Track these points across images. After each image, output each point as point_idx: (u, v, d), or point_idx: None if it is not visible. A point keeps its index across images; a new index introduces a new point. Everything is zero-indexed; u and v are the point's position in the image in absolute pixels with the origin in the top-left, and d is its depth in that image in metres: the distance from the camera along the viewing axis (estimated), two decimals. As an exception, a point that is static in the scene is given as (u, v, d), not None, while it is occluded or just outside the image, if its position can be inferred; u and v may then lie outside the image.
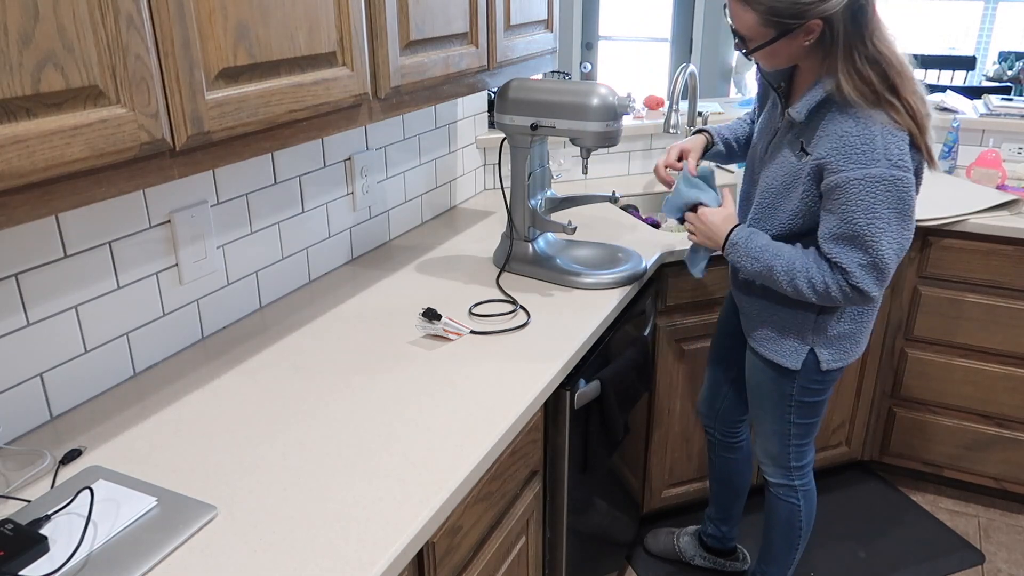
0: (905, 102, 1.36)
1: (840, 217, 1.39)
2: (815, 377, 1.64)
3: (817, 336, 1.59)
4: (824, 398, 1.71)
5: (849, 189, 1.36)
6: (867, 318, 1.61)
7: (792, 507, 1.84)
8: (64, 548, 0.93)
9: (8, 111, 0.76)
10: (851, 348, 1.62)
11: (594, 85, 1.68)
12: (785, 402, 1.69)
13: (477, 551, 1.24)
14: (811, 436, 1.77)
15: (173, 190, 1.38)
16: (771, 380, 1.69)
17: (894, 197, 1.35)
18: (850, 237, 1.39)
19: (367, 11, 1.26)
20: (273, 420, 1.23)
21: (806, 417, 1.71)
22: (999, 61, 5.11)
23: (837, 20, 1.33)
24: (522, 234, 1.81)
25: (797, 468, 1.80)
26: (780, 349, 1.63)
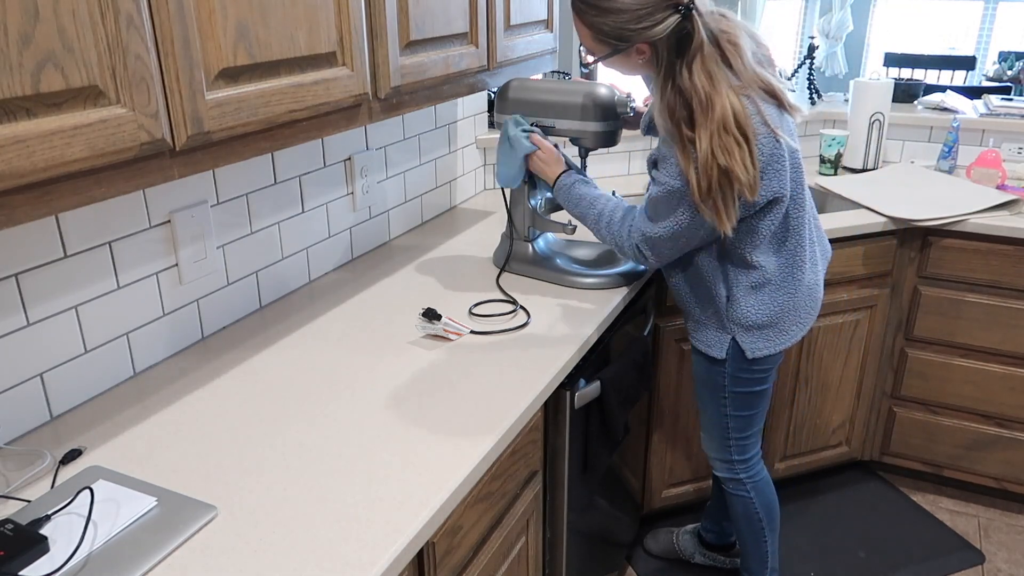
0: (696, 137, 1.35)
1: (649, 194, 1.51)
2: (743, 366, 1.64)
3: (733, 324, 1.60)
4: (761, 389, 1.70)
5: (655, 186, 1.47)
6: (786, 307, 1.59)
7: (745, 500, 1.84)
8: (64, 548, 0.93)
9: (8, 111, 0.76)
10: (775, 336, 1.61)
11: (594, 85, 1.68)
12: (719, 393, 1.70)
13: (477, 551, 1.24)
14: (752, 429, 1.77)
15: (173, 190, 1.38)
16: (704, 369, 1.71)
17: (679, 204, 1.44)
18: (652, 208, 1.49)
19: (367, 11, 1.26)
20: (273, 420, 1.23)
21: (743, 409, 1.72)
22: (999, 61, 5.11)
23: (661, 46, 1.36)
24: (522, 234, 1.81)
25: (740, 462, 1.80)
26: (705, 338, 1.66)
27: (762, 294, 1.57)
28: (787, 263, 1.57)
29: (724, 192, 1.37)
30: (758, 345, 1.61)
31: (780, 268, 1.57)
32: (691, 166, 1.37)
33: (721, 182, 1.36)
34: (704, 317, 1.65)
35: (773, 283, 1.57)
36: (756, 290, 1.57)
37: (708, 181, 1.36)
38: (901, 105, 2.78)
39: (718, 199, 1.38)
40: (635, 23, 1.35)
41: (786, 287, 1.58)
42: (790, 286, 1.58)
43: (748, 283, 1.56)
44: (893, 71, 5.15)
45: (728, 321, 1.61)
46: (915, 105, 2.80)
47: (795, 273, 1.58)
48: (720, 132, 1.34)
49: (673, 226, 1.47)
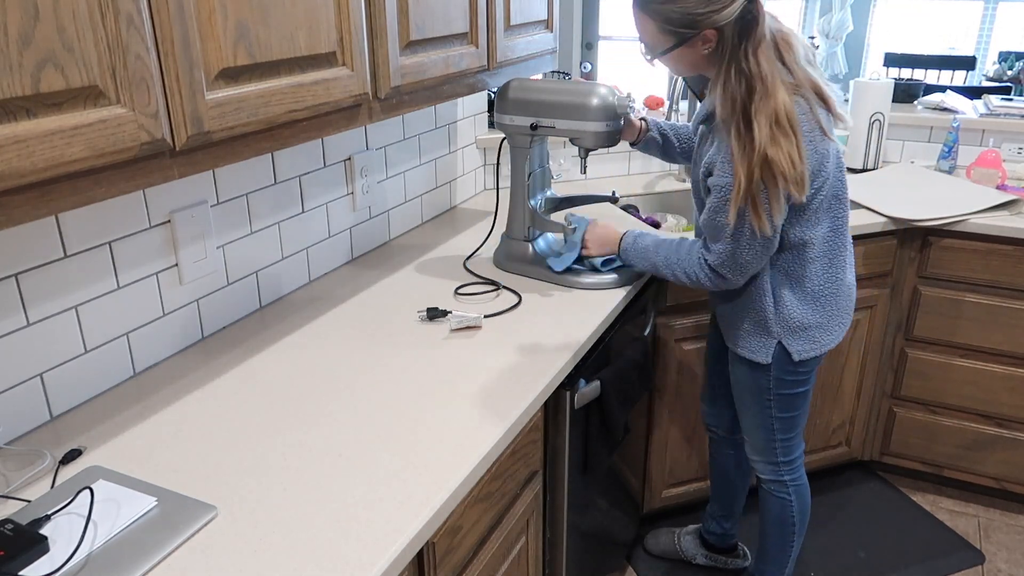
0: (756, 124, 1.36)
1: (707, 206, 1.48)
2: (788, 368, 1.65)
3: (781, 328, 1.61)
4: (804, 390, 1.71)
5: (713, 189, 1.45)
6: (831, 307, 1.61)
7: (784, 503, 1.84)
8: (64, 548, 0.93)
9: (8, 111, 0.76)
10: (821, 337, 1.63)
11: (594, 85, 1.68)
12: (764, 396, 1.70)
13: (477, 551, 1.24)
14: (796, 430, 1.77)
15: (173, 190, 1.38)
16: (747, 376, 1.70)
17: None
18: (714, 230, 1.48)
19: (367, 11, 1.26)
20: (273, 420, 1.23)
21: (787, 411, 1.72)
22: (999, 61, 5.11)
23: (727, 32, 1.36)
24: (522, 234, 1.81)
25: (786, 463, 1.80)
26: (749, 345, 1.65)
27: (809, 295, 1.59)
28: (831, 264, 1.59)
29: (768, 187, 1.37)
30: (804, 347, 1.62)
31: (825, 269, 1.58)
32: (743, 156, 1.36)
33: (765, 175, 1.36)
34: (749, 324, 1.64)
35: (820, 284, 1.58)
36: (804, 292, 1.58)
37: (753, 173, 1.36)
38: (901, 105, 2.78)
39: (759, 195, 1.38)
40: (704, 7, 1.35)
41: (831, 287, 1.60)
42: (834, 286, 1.60)
43: (796, 285, 1.58)
44: (893, 71, 5.15)
45: (775, 324, 1.60)
46: (915, 105, 2.80)
47: (838, 273, 1.60)
48: (773, 122, 1.35)
49: (737, 233, 1.45)
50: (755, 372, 1.68)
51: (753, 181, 1.36)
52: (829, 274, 1.59)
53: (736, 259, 1.49)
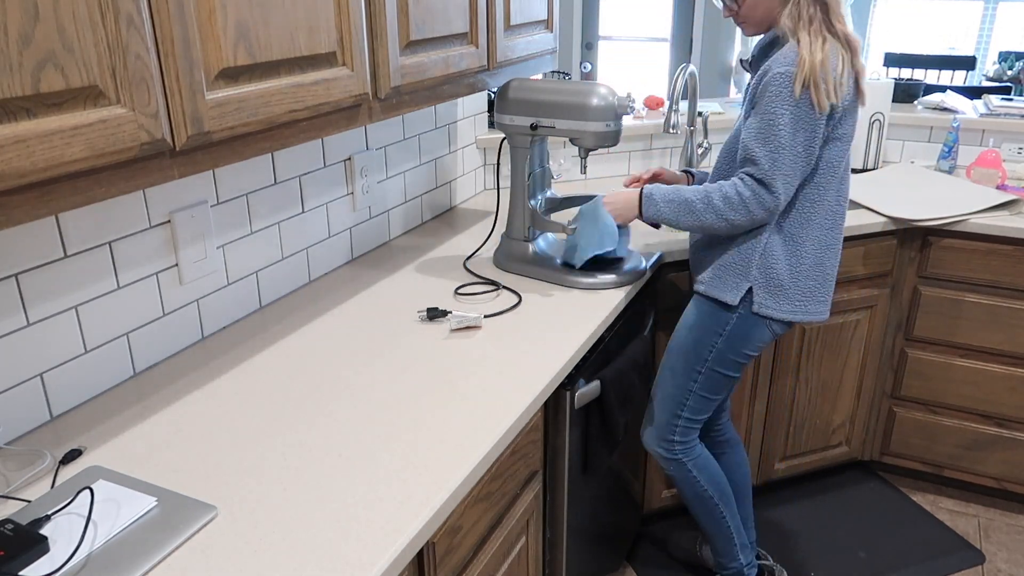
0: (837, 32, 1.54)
1: (759, 110, 1.54)
2: (742, 336, 1.67)
3: (759, 273, 1.63)
4: (734, 375, 1.73)
5: (771, 84, 1.52)
6: (815, 273, 1.64)
7: (691, 480, 1.84)
8: (64, 548, 0.93)
9: (8, 111, 0.76)
10: (784, 301, 1.64)
11: (594, 85, 1.68)
12: (696, 367, 1.72)
13: (477, 551, 1.24)
14: (704, 415, 1.78)
15: (173, 190, 1.38)
16: (697, 330, 1.71)
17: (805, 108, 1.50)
18: (763, 128, 1.53)
19: (367, 11, 1.26)
20: (273, 420, 1.23)
21: (709, 391, 1.74)
22: (999, 61, 5.11)
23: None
24: (522, 234, 1.81)
25: (681, 443, 1.80)
26: (723, 286, 1.66)
27: (796, 260, 1.62)
28: (826, 244, 1.64)
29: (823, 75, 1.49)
30: (768, 303, 1.64)
31: (819, 245, 1.63)
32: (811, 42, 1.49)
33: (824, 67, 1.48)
34: (728, 264, 1.65)
35: (810, 254, 1.63)
36: (793, 255, 1.62)
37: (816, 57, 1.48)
38: (901, 105, 2.78)
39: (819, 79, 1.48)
40: None
41: (816, 264, 1.64)
42: (819, 266, 1.64)
43: (789, 243, 1.62)
44: (893, 71, 5.15)
45: (755, 270, 1.62)
46: (915, 105, 2.80)
47: (827, 255, 1.65)
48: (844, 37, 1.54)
49: (785, 129, 1.50)
50: (709, 327, 1.69)
51: (819, 62, 1.47)
52: (820, 250, 1.64)
53: (777, 166, 1.52)
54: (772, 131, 1.52)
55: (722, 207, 1.57)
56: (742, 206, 1.55)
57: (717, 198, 1.57)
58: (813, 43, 1.50)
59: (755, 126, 1.54)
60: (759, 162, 1.53)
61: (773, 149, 1.52)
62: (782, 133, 1.51)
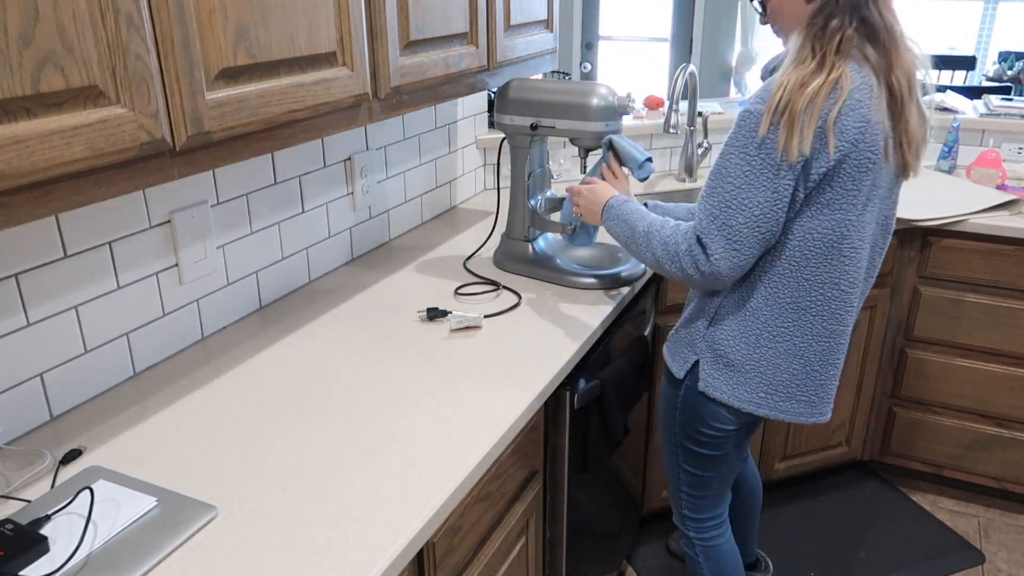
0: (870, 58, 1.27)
1: (719, 155, 1.31)
2: (697, 414, 1.48)
3: (706, 346, 1.44)
4: (715, 455, 1.52)
5: (735, 123, 1.28)
6: (759, 355, 1.39)
7: (693, 563, 1.68)
8: (64, 548, 0.93)
9: (8, 111, 0.76)
10: (736, 385, 1.41)
11: (594, 85, 1.68)
12: (673, 441, 1.57)
13: (477, 551, 1.24)
14: (706, 492, 1.59)
15: (173, 190, 1.38)
16: (663, 399, 1.58)
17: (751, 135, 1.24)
18: (713, 177, 1.30)
19: (367, 11, 1.26)
20: (273, 420, 1.23)
21: (695, 467, 1.56)
22: (999, 61, 5.12)
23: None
24: (522, 234, 1.81)
25: (692, 520, 1.63)
26: (673, 351, 1.52)
27: (747, 325, 1.39)
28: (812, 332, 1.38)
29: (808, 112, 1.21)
30: (714, 382, 1.43)
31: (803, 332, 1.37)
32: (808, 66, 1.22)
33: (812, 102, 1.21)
34: (684, 324, 1.50)
35: (765, 321, 1.37)
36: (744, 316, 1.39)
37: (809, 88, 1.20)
38: (901, 105, 2.77)
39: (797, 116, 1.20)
40: None
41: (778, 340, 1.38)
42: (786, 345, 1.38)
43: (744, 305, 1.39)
44: (893, 71, 5.14)
45: (702, 340, 1.44)
46: (915, 105, 2.79)
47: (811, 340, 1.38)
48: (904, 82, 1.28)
49: (734, 181, 1.25)
50: (666, 395, 1.56)
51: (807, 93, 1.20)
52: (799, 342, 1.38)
53: (726, 226, 1.27)
54: (720, 182, 1.28)
55: (659, 251, 1.37)
56: (675, 259, 1.34)
57: (657, 240, 1.37)
58: (816, 65, 1.22)
59: (711, 170, 1.32)
60: (700, 217, 1.31)
61: (716, 204, 1.28)
62: (729, 187, 1.26)
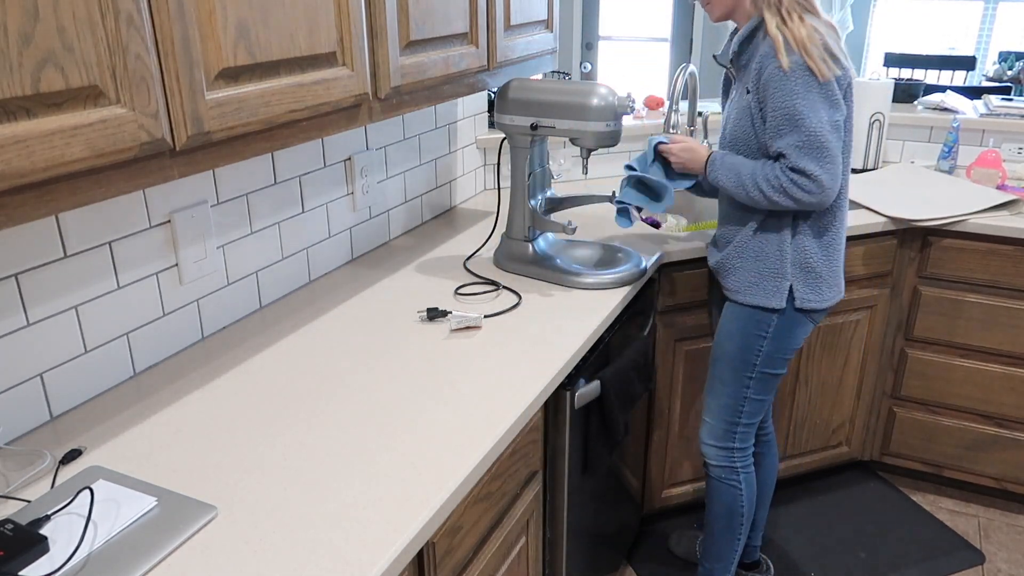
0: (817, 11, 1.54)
1: (771, 107, 1.53)
2: (787, 333, 1.69)
3: (795, 269, 1.65)
4: (782, 373, 1.75)
5: (773, 79, 1.51)
6: (836, 262, 1.68)
7: (734, 492, 1.83)
8: (64, 548, 0.93)
9: (8, 111, 0.76)
10: (826, 289, 1.67)
11: (594, 85, 1.68)
12: (747, 373, 1.73)
13: (477, 551, 1.24)
14: (759, 415, 1.80)
15: (173, 190, 1.38)
16: (740, 337, 1.72)
17: (812, 80, 1.49)
18: (782, 121, 1.52)
19: (367, 11, 1.26)
20: (273, 420, 1.23)
21: (762, 392, 1.75)
22: (999, 61, 5.11)
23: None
24: (522, 234, 1.81)
25: (740, 450, 1.81)
26: (763, 291, 1.67)
27: (823, 244, 1.64)
28: (837, 222, 1.66)
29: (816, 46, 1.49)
30: (810, 296, 1.65)
31: (835, 225, 1.65)
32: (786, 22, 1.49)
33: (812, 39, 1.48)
34: (765, 270, 1.66)
35: (832, 236, 1.65)
36: (820, 240, 1.64)
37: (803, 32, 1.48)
38: (901, 105, 2.78)
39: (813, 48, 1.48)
40: None
41: (837, 243, 1.67)
42: (837, 243, 1.67)
43: (814, 229, 1.63)
44: (893, 71, 5.15)
45: (791, 265, 1.64)
46: (915, 105, 2.80)
47: (841, 231, 1.67)
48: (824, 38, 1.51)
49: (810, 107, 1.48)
50: (754, 332, 1.70)
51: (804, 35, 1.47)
52: (835, 229, 1.65)
53: (816, 143, 1.49)
54: (789, 122, 1.50)
55: (768, 191, 1.56)
56: (783, 193, 1.54)
57: (762, 179, 1.56)
58: (788, 20, 1.49)
59: (771, 123, 1.53)
60: (788, 154, 1.52)
61: (806, 138, 1.50)
62: (799, 121, 1.49)
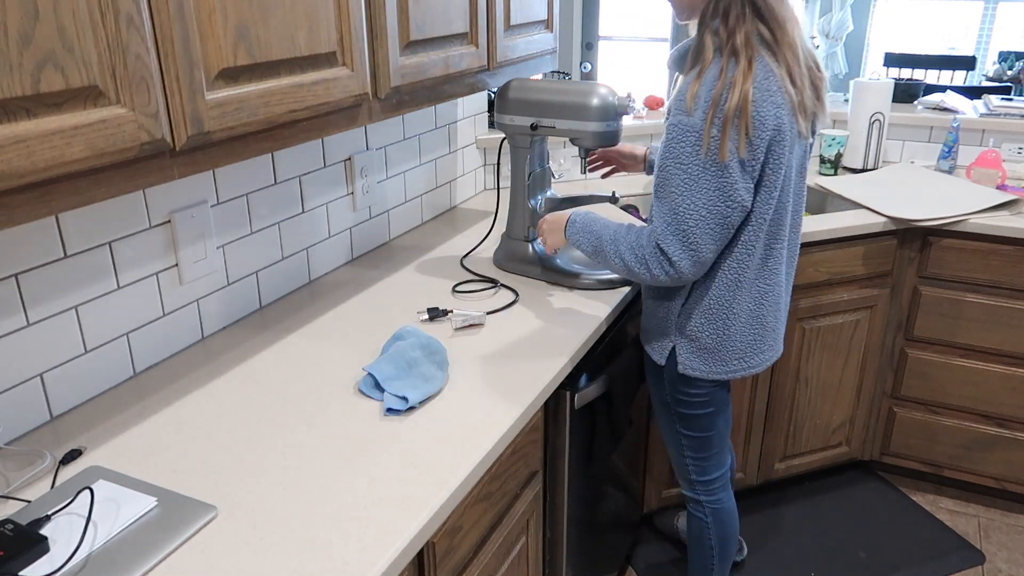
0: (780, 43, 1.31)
1: (657, 165, 1.37)
2: (680, 385, 1.58)
3: (679, 334, 1.53)
4: (708, 412, 1.60)
5: (670, 130, 1.34)
6: (733, 334, 1.50)
7: (701, 523, 1.77)
8: (64, 548, 0.93)
9: (8, 111, 0.76)
10: (713, 363, 1.52)
11: (594, 85, 1.68)
12: (668, 409, 1.64)
13: (477, 551, 1.24)
14: (709, 451, 1.67)
15: (173, 190, 1.38)
16: (653, 383, 1.65)
17: (708, 156, 1.30)
18: (660, 183, 1.36)
19: (367, 11, 1.26)
20: (273, 420, 1.23)
21: (694, 430, 1.64)
22: (999, 61, 5.12)
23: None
24: (522, 234, 1.81)
25: (701, 483, 1.72)
26: (650, 342, 1.60)
27: (715, 313, 1.48)
28: (759, 298, 1.49)
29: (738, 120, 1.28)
30: (694, 364, 1.53)
31: (752, 302, 1.49)
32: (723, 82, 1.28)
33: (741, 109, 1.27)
34: (656, 320, 1.57)
35: (729, 305, 1.47)
36: (711, 307, 1.48)
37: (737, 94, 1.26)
38: (901, 105, 2.78)
39: (729, 123, 1.27)
40: None
41: (740, 315, 1.49)
42: (746, 315, 1.49)
43: (707, 296, 1.48)
44: (893, 71, 5.15)
45: (675, 329, 1.53)
46: (915, 105, 2.80)
47: (762, 308, 1.50)
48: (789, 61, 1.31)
49: (678, 190, 1.32)
50: (657, 381, 1.63)
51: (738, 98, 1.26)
52: (754, 306, 1.49)
53: (682, 225, 1.33)
54: (666, 189, 1.35)
55: (627, 257, 1.42)
56: (643, 264, 1.40)
57: (624, 246, 1.42)
58: (727, 66, 1.28)
59: (654, 182, 1.38)
60: (656, 225, 1.37)
61: (668, 212, 1.34)
62: (675, 195, 1.33)
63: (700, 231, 1.34)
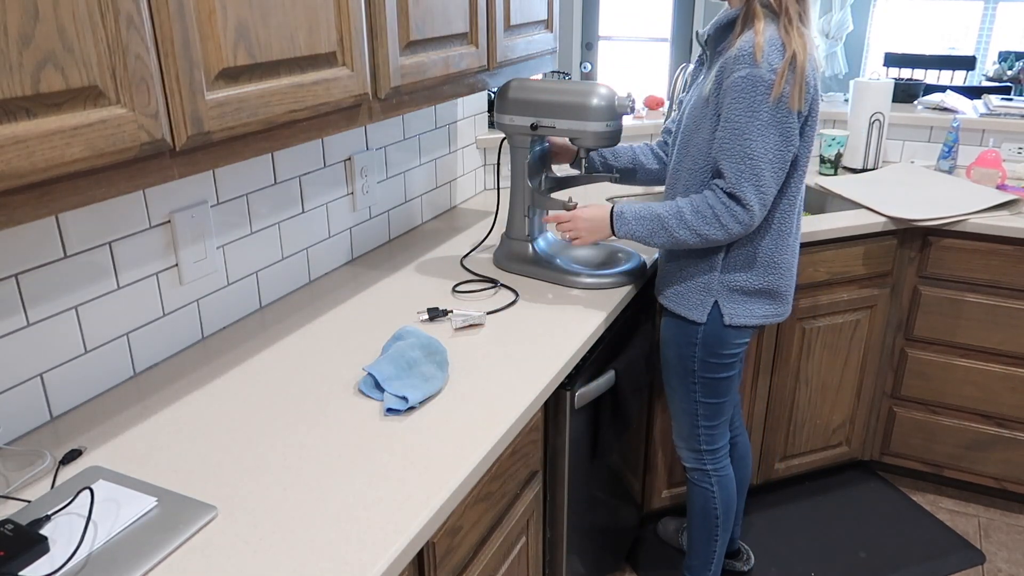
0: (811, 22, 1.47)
1: (724, 118, 1.46)
2: (717, 343, 1.64)
3: (722, 288, 1.60)
4: (728, 376, 1.70)
5: (733, 89, 1.43)
6: (776, 277, 1.61)
7: (706, 493, 1.83)
8: (64, 548, 0.93)
9: (8, 111, 0.76)
10: (756, 309, 1.62)
11: (594, 85, 1.68)
12: (689, 379, 1.71)
13: (477, 551, 1.24)
14: (719, 419, 1.76)
15: (173, 190, 1.38)
16: (674, 345, 1.70)
17: (776, 105, 1.42)
18: (729, 137, 1.45)
19: (367, 11, 1.26)
20: (273, 420, 1.23)
21: (712, 396, 1.72)
22: (999, 61, 5.11)
23: None
24: (522, 234, 1.81)
25: (709, 452, 1.80)
26: (687, 302, 1.64)
27: (756, 261, 1.58)
28: (780, 236, 1.58)
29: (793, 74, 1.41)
30: (738, 312, 1.61)
31: (775, 240, 1.58)
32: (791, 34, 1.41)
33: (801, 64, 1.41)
34: (693, 280, 1.62)
35: (767, 253, 1.58)
36: (752, 255, 1.58)
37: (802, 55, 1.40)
38: (901, 105, 2.78)
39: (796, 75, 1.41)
40: None
41: (776, 259, 1.59)
42: (778, 258, 1.60)
43: (755, 250, 1.58)
44: (893, 71, 5.15)
45: (718, 284, 1.60)
46: (915, 105, 2.80)
47: (784, 246, 1.60)
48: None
49: (753, 137, 1.42)
50: (680, 339, 1.68)
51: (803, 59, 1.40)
52: (776, 245, 1.59)
53: (756, 171, 1.44)
54: (736, 139, 1.44)
55: (695, 222, 1.49)
56: (715, 221, 1.48)
57: (689, 213, 1.50)
58: (789, 27, 1.42)
59: (721, 136, 1.47)
60: (727, 175, 1.46)
61: (741, 158, 1.44)
62: (748, 141, 1.43)
63: (769, 173, 1.45)
